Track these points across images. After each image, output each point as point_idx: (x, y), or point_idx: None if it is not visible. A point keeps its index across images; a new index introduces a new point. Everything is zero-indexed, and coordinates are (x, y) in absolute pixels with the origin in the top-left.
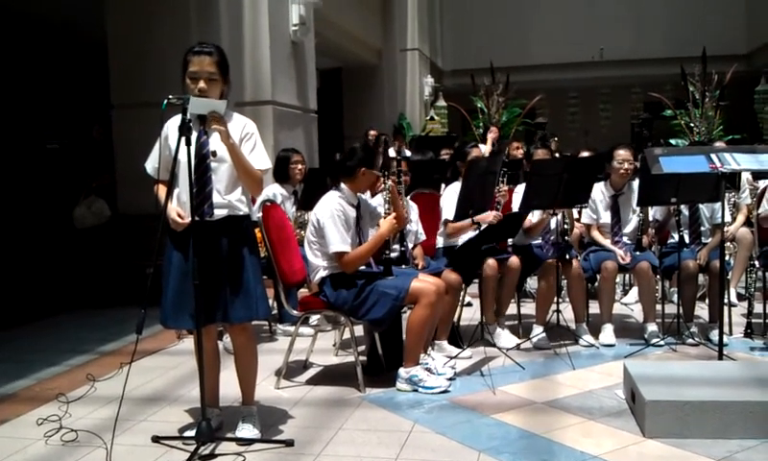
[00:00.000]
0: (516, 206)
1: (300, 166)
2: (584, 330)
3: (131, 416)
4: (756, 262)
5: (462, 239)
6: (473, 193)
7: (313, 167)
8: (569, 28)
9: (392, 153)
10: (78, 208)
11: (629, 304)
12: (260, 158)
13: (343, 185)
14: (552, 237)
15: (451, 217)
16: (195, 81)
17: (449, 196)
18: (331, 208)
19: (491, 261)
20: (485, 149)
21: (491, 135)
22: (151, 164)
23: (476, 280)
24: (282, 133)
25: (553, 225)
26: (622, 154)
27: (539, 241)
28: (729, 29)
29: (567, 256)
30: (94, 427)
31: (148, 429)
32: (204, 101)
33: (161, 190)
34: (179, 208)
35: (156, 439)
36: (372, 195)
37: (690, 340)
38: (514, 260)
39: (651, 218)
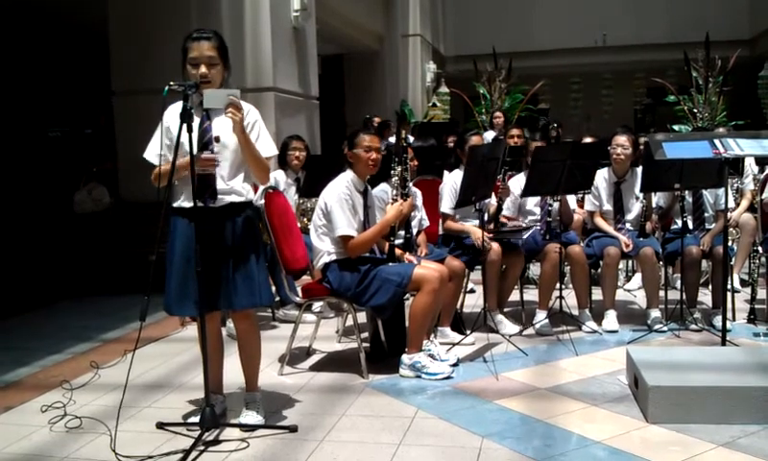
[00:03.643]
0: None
1: (297, 153)
2: (587, 317)
3: (135, 403)
4: (760, 248)
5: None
6: (476, 180)
7: (315, 154)
8: (572, 13)
9: (392, 139)
10: (78, 193)
11: (632, 291)
12: (266, 146)
13: (350, 171)
14: (554, 222)
15: (448, 210)
16: (195, 67)
17: (446, 186)
18: (339, 192)
19: (495, 246)
20: (490, 135)
21: (496, 121)
22: (151, 152)
23: (479, 267)
24: (284, 119)
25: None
26: (617, 139)
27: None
28: (732, 14)
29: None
30: (98, 414)
31: (152, 416)
32: (219, 92)
33: (164, 167)
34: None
35: (160, 425)
36: (372, 167)
37: (693, 326)
38: (518, 252)
39: (654, 204)
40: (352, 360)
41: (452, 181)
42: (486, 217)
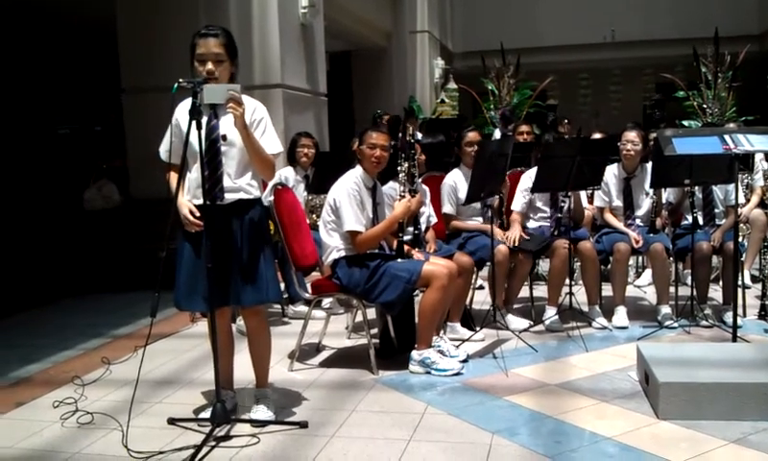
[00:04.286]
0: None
1: (306, 150)
2: (597, 313)
3: (146, 398)
4: None
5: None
6: (484, 177)
7: (324, 151)
8: (580, 9)
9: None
10: (88, 190)
11: (642, 287)
12: (271, 143)
13: (359, 167)
14: (564, 219)
15: (449, 211)
16: (203, 63)
17: (444, 187)
18: (347, 188)
19: (502, 247)
20: (498, 133)
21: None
22: (164, 149)
23: (488, 264)
24: (292, 116)
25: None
26: (626, 135)
27: (543, 224)
28: (741, 9)
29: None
30: (110, 410)
31: (163, 411)
32: (218, 87)
33: (173, 177)
34: (190, 204)
35: (171, 421)
36: (375, 164)
37: (704, 322)
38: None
39: (664, 200)
40: (362, 356)
41: (451, 181)
42: (489, 213)
